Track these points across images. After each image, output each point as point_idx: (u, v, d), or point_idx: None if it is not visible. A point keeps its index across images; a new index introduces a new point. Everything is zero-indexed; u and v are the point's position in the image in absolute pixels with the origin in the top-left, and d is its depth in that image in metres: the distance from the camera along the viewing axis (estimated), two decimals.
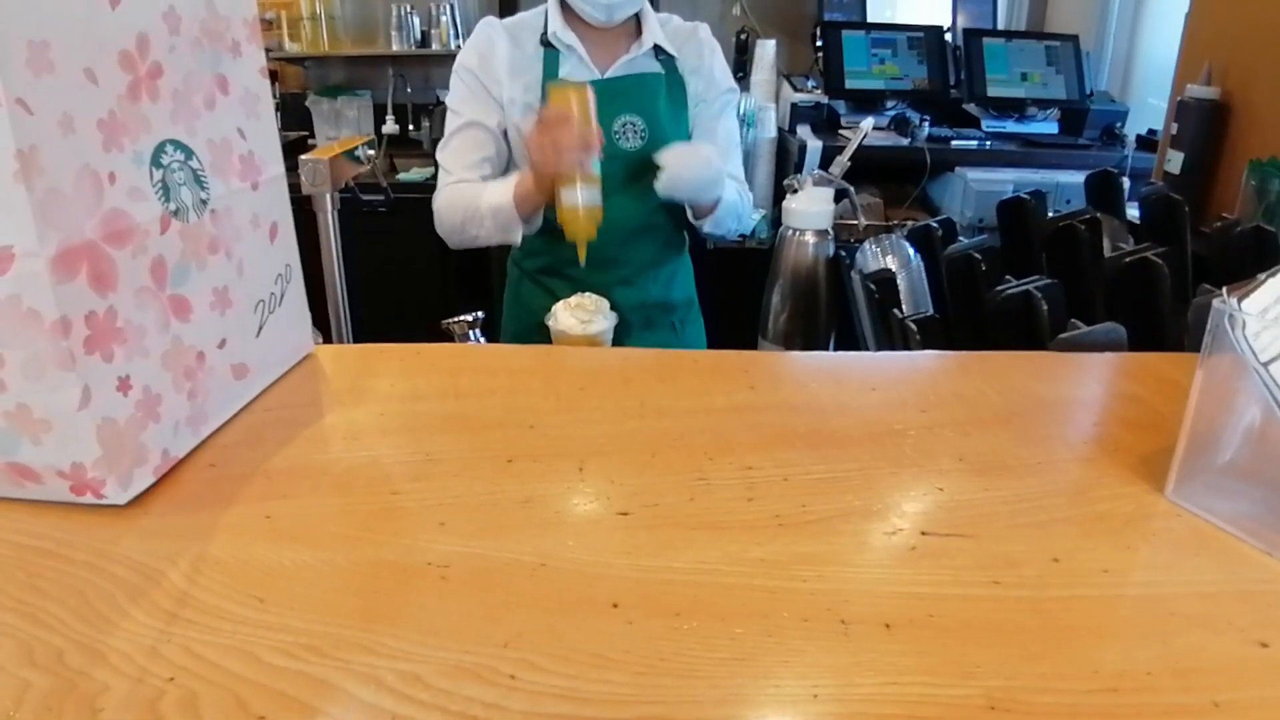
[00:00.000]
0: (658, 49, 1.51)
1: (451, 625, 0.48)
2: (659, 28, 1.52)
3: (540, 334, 1.37)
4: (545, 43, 1.48)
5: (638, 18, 1.51)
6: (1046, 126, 2.86)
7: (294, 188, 0.99)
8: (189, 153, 0.65)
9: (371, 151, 1.06)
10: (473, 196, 1.46)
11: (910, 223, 1.79)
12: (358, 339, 1.33)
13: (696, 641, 0.47)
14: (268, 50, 0.67)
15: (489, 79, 1.48)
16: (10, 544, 0.56)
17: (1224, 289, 0.58)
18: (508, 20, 1.52)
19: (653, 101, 1.50)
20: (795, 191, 1.30)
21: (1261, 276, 0.58)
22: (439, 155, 1.53)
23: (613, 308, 1.42)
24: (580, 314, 1.23)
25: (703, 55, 1.55)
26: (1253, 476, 0.60)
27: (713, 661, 0.46)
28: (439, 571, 0.53)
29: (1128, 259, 1.05)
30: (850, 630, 0.48)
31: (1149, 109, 2.81)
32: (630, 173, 1.50)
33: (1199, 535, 0.57)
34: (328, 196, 1.00)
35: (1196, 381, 0.59)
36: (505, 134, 1.53)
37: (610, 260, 1.50)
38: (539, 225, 1.49)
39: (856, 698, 0.44)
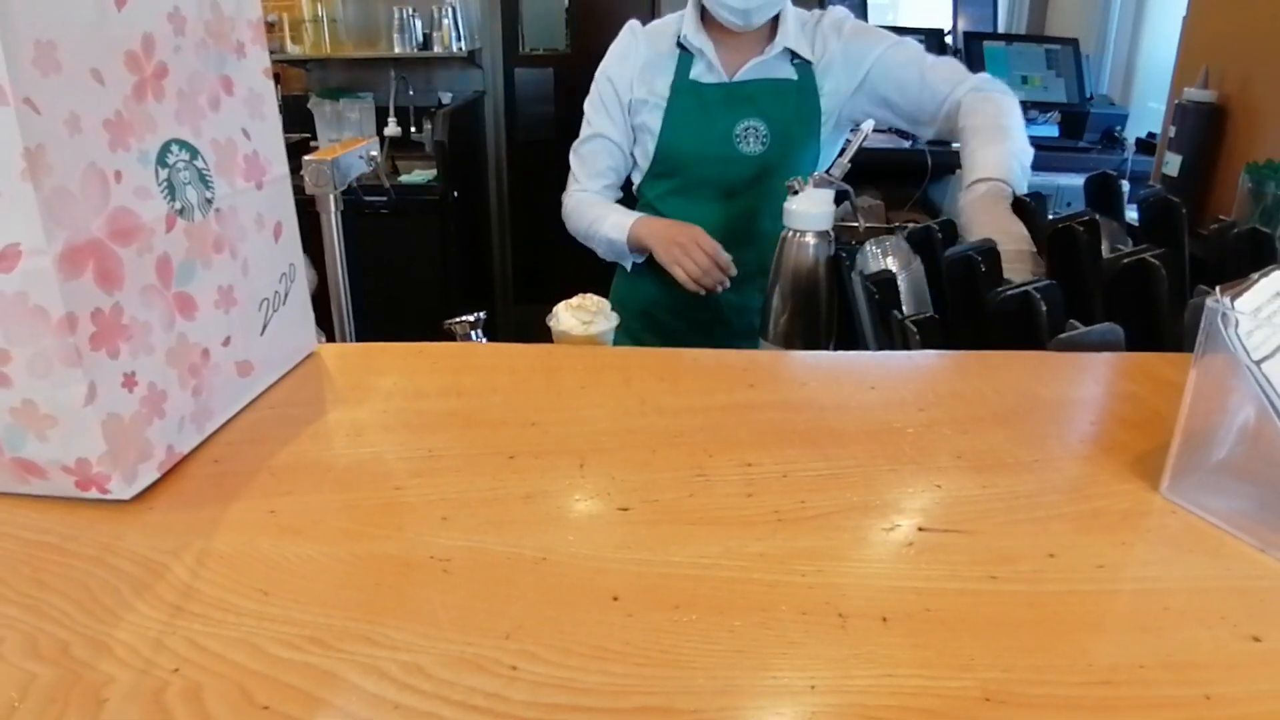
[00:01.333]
0: (794, 52, 1.51)
1: (453, 617, 0.49)
2: (795, 30, 1.51)
3: (641, 322, 1.49)
4: (680, 44, 1.50)
5: (774, 19, 1.50)
6: (1047, 129, 2.87)
7: (297, 189, 1.00)
8: (194, 152, 0.65)
9: (375, 153, 1.07)
10: (594, 219, 1.56)
11: (911, 224, 1.80)
12: (360, 338, 1.33)
13: (696, 634, 0.48)
14: (270, 52, 0.68)
15: (621, 84, 1.53)
16: (15, 539, 0.56)
17: (1217, 288, 0.58)
18: (651, 24, 1.56)
19: (779, 107, 1.50)
20: (796, 193, 1.30)
21: (1255, 276, 0.59)
22: (571, 155, 1.63)
23: (715, 309, 1.44)
24: (582, 315, 1.23)
25: (828, 47, 1.52)
26: (1247, 474, 0.61)
27: (711, 653, 0.46)
28: (441, 565, 0.54)
29: (1125, 260, 1.06)
30: (848, 624, 0.49)
31: (1149, 112, 2.82)
32: (748, 177, 1.52)
33: (1193, 532, 0.58)
34: (331, 197, 1.00)
35: (1190, 380, 0.60)
36: (634, 137, 1.59)
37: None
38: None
39: (853, 689, 0.44)
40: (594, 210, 1.57)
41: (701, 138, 1.52)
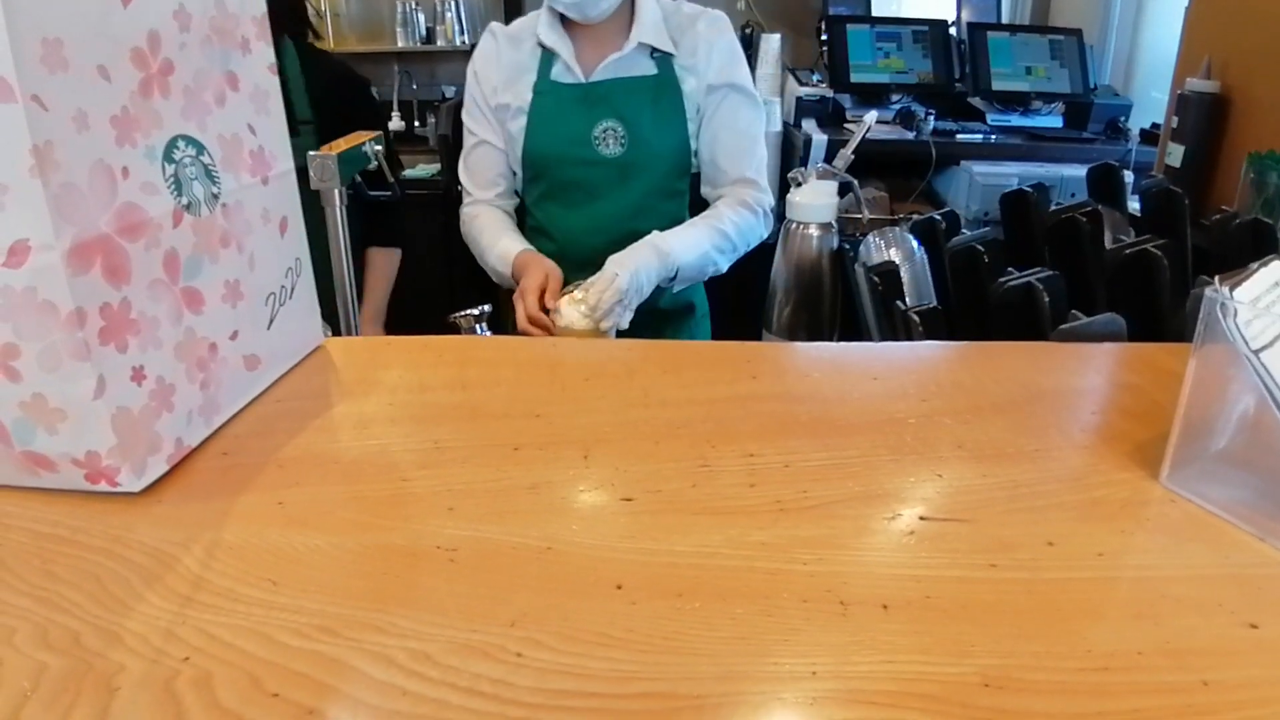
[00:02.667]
0: (654, 46, 1.44)
1: (460, 606, 0.49)
2: (653, 24, 1.44)
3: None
4: (541, 44, 1.45)
5: (632, 13, 1.44)
6: (1051, 120, 2.86)
7: (303, 182, 1.00)
8: (200, 148, 0.66)
9: (379, 148, 1.07)
10: (485, 246, 1.51)
11: (915, 215, 1.79)
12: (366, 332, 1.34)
13: (698, 621, 0.48)
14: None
15: (487, 90, 1.49)
16: (26, 531, 0.57)
17: (1216, 278, 0.59)
18: (512, 24, 1.50)
19: (637, 106, 1.44)
20: (799, 185, 1.31)
21: (1254, 266, 0.59)
22: (459, 167, 1.57)
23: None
24: (584, 308, 1.24)
25: (697, 51, 1.45)
26: (1246, 463, 0.61)
27: (714, 640, 0.47)
28: (447, 555, 0.54)
29: (1127, 251, 1.06)
30: (849, 611, 0.49)
31: (1152, 103, 2.81)
32: (611, 180, 1.46)
33: (1193, 520, 0.58)
34: (336, 192, 1.01)
35: (1190, 369, 0.60)
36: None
37: (597, 267, 1.42)
38: None
39: (854, 675, 0.45)
40: (485, 236, 1.52)
41: (561, 140, 1.47)
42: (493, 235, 1.50)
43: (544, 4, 1.45)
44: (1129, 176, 2.14)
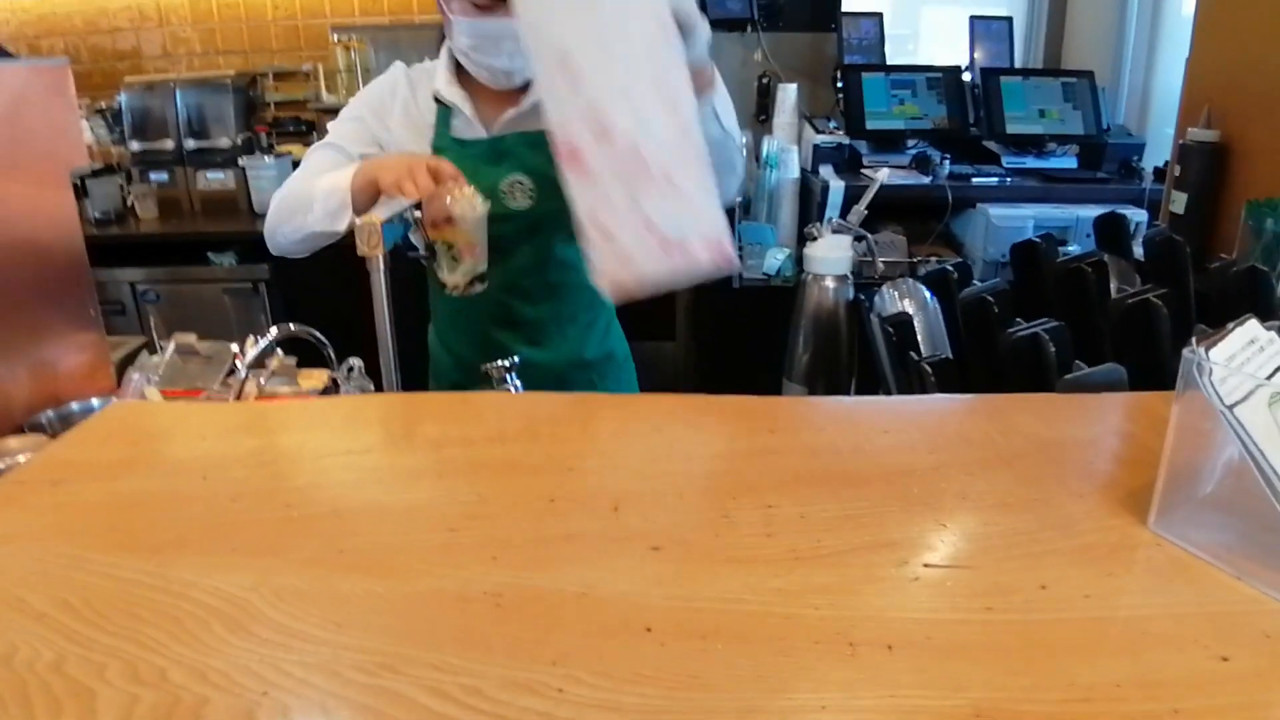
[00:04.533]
0: None
1: (506, 646, 0.55)
2: None
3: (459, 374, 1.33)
4: (436, 98, 1.41)
5: None
6: (1065, 162, 2.90)
7: (349, 249, 1.07)
8: None
9: (419, 214, 1.14)
10: (305, 180, 1.36)
11: (934, 259, 1.83)
12: (405, 382, 1.38)
13: (720, 661, 0.54)
14: (304, 101, 0.74)
15: (379, 127, 1.43)
16: (110, 578, 0.63)
17: (1193, 339, 0.64)
18: (415, 67, 1.45)
19: (540, 159, 1.34)
20: (814, 239, 1.37)
21: (1230, 326, 0.64)
22: (306, 155, 1.45)
23: (523, 368, 1.36)
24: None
25: None
26: (1229, 507, 0.66)
27: (734, 678, 0.52)
28: (493, 600, 0.60)
29: (1129, 300, 1.11)
30: (857, 651, 0.54)
31: (1165, 140, 2.84)
32: (522, 232, 1.42)
33: (1175, 563, 0.63)
34: (380, 257, 1.08)
35: (1172, 422, 0.65)
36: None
37: (513, 321, 1.45)
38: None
39: (859, 709, 0.50)
40: (301, 182, 1.36)
41: None
42: (312, 178, 1.35)
43: (442, 56, 1.40)
44: (1143, 216, 2.18)
